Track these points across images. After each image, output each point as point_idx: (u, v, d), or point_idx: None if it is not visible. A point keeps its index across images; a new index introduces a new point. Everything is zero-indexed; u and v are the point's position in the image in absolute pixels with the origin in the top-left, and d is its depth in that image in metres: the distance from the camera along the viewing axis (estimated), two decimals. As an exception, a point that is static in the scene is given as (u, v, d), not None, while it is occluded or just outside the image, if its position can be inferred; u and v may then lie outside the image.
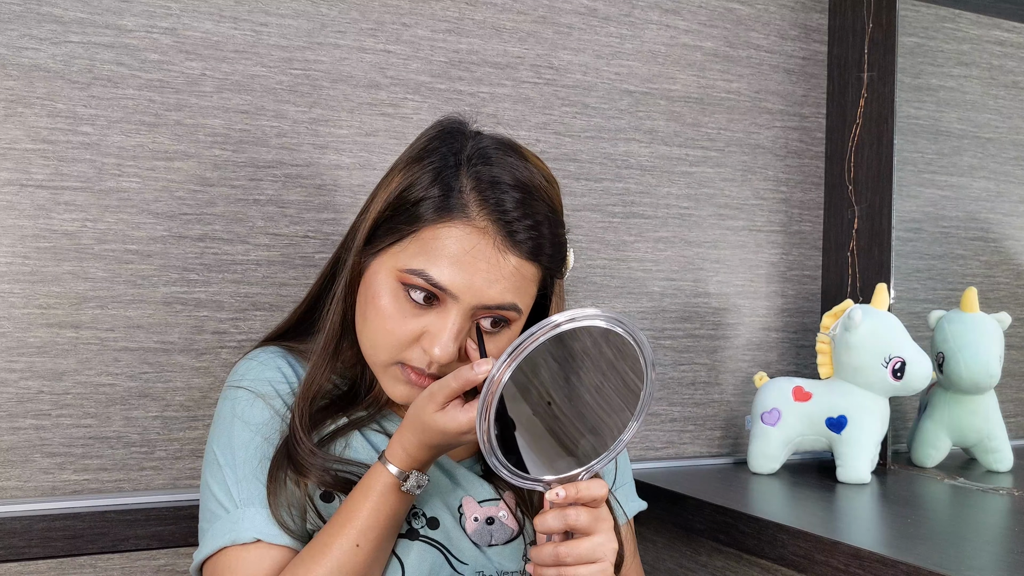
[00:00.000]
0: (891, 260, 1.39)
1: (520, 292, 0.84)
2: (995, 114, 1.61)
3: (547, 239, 0.84)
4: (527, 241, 0.82)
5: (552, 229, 0.85)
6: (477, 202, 0.82)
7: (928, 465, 1.40)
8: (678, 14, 1.41)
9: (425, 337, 0.82)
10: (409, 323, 0.82)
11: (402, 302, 0.83)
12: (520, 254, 0.82)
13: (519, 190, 0.83)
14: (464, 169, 0.83)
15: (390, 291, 0.83)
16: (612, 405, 0.78)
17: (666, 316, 1.41)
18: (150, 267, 1.12)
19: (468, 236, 0.81)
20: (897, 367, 1.23)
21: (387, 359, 0.84)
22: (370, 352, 0.86)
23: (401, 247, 0.83)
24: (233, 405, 0.88)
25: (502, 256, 0.82)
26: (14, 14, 1.06)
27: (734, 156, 1.46)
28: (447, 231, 0.81)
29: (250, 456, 0.86)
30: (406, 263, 0.82)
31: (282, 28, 1.18)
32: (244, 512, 0.84)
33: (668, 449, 1.41)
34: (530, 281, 0.85)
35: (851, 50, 1.46)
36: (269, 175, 1.17)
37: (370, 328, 0.85)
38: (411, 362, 0.83)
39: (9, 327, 1.07)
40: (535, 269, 0.84)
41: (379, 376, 0.87)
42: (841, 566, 0.95)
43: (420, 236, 0.82)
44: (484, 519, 0.91)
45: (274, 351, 0.93)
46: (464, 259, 0.81)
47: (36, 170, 1.08)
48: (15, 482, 1.07)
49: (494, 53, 1.29)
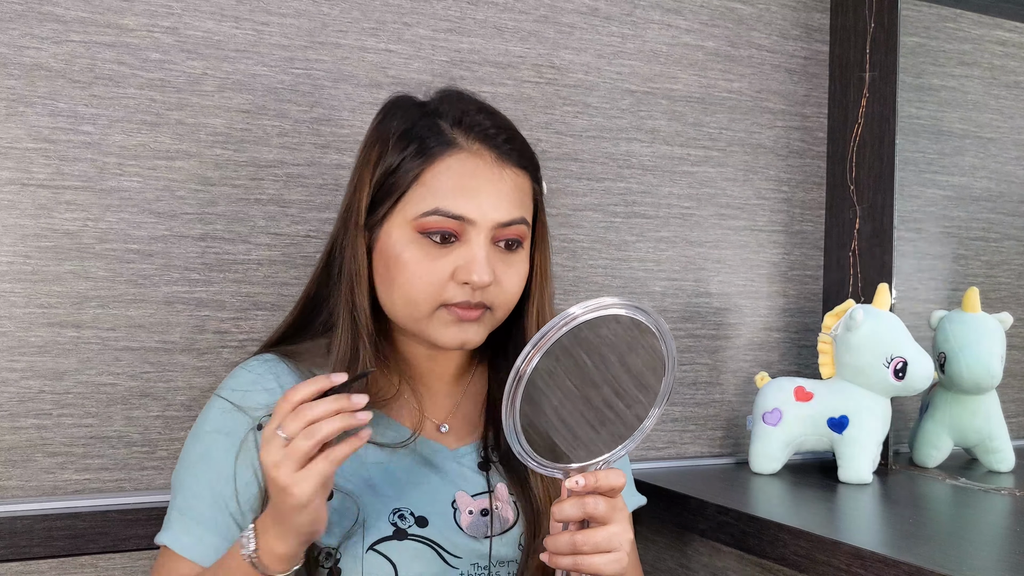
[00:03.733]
0: (893, 260, 1.39)
1: (523, 206, 0.90)
2: (996, 114, 1.61)
3: (527, 150, 0.92)
4: (513, 152, 0.90)
5: (522, 138, 0.93)
6: (462, 132, 0.89)
7: (930, 465, 1.40)
8: (680, 14, 1.41)
9: (459, 271, 0.86)
10: (438, 265, 0.86)
11: (425, 248, 0.86)
12: (513, 164, 0.90)
13: (487, 113, 0.91)
14: (436, 117, 0.90)
15: (410, 243, 0.87)
16: (630, 395, 0.79)
17: (668, 316, 1.41)
18: (151, 266, 1.12)
19: (466, 161, 0.87)
20: (899, 367, 1.23)
21: (429, 307, 0.87)
22: (408, 310, 0.88)
23: (405, 201, 0.88)
24: (207, 413, 0.91)
25: (500, 171, 0.88)
26: (15, 13, 1.06)
27: (736, 156, 1.46)
28: (446, 164, 0.87)
29: (200, 472, 0.88)
30: (416, 210, 0.86)
31: (284, 27, 1.18)
32: (184, 522, 0.87)
33: (669, 449, 1.41)
34: (527, 194, 0.91)
35: (853, 50, 1.46)
36: (270, 174, 1.17)
37: (401, 286, 0.87)
38: (453, 300, 0.86)
39: (10, 326, 1.07)
40: (527, 180, 0.92)
41: (425, 330, 0.89)
42: (843, 566, 0.95)
43: (421, 181, 0.87)
44: (479, 511, 0.91)
45: (269, 359, 0.94)
46: (470, 183, 0.86)
47: (37, 169, 1.08)
48: (16, 481, 1.07)
49: (495, 53, 1.29)
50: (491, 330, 0.92)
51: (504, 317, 0.92)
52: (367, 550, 0.86)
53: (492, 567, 0.90)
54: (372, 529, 0.86)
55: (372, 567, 0.86)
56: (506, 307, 0.91)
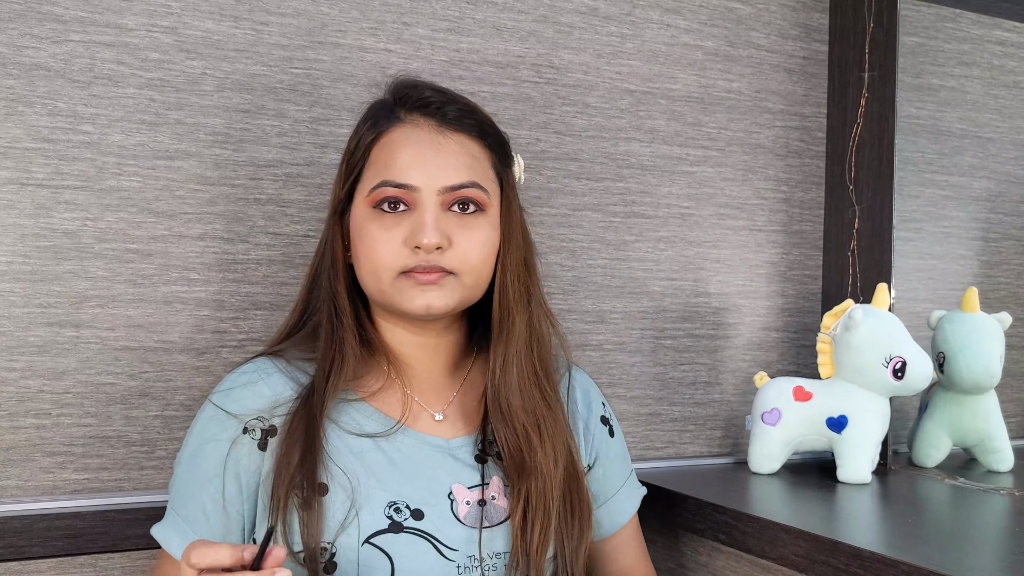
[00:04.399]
0: (892, 260, 1.39)
1: (474, 171, 0.92)
2: (996, 114, 1.61)
3: (480, 119, 0.94)
4: (460, 118, 0.92)
5: (484, 115, 0.95)
6: (404, 107, 0.93)
7: (929, 465, 1.40)
8: (679, 13, 1.41)
9: (410, 237, 0.89)
10: (393, 233, 0.90)
11: (380, 219, 0.90)
12: (458, 129, 0.92)
13: (437, 90, 0.95)
14: (385, 98, 0.96)
15: (367, 218, 0.91)
16: None
17: (667, 316, 1.41)
18: (151, 266, 1.12)
19: (406, 132, 0.92)
20: (898, 367, 1.23)
21: (390, 276, 0.90)
22: (375, 280, 0.91)
23: (362, 181, 0.93)
24: (198, 418, 0.93)
25: (442, 136, 0.91)
26: (15, 13, 1.06)
27: (735, 156, 1.46)
28: (388, 138, 0.92)
29: (190, 476, 0.91)
30: (369, 186, 0.92)
31: (283, 27, 1.18)
32: (175, 521, 0.90)
33: (668, 449, 1.41)
34: (482, 161, 0.93)
35: (852, 50, 1.46)
36: (270, 174, 1.17)
37: (364, 260, 0.91)
38: (409, 266, 0.89)
39: (9, 326, 1.07)
40: (481, 148, 0.94)
41: (392, 300, 0.91)
42: (842, 566, 0.95)
43: (371, 160, 0.93)
44: (476, 502, 0.92)
45: (259, 362, 0.96)
46: (410, 152, 0.90)
47: (37, 169, 1.07)
48: (15, 481, 1.07)
49: (495, 52, 1.29)
50: (463, 298, 0.93)
51: (475, 284, 0.93)
52: (363, 543, 0.86)
53: (486, 558, 0.90)
54: (367, 522, 0.87)
55: (368, 560, 0.86)
56: (473, 272, 0.92)
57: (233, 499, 0.89)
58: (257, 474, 0.89)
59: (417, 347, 0.98)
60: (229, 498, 0.89)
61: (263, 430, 0.90)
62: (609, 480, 1.06)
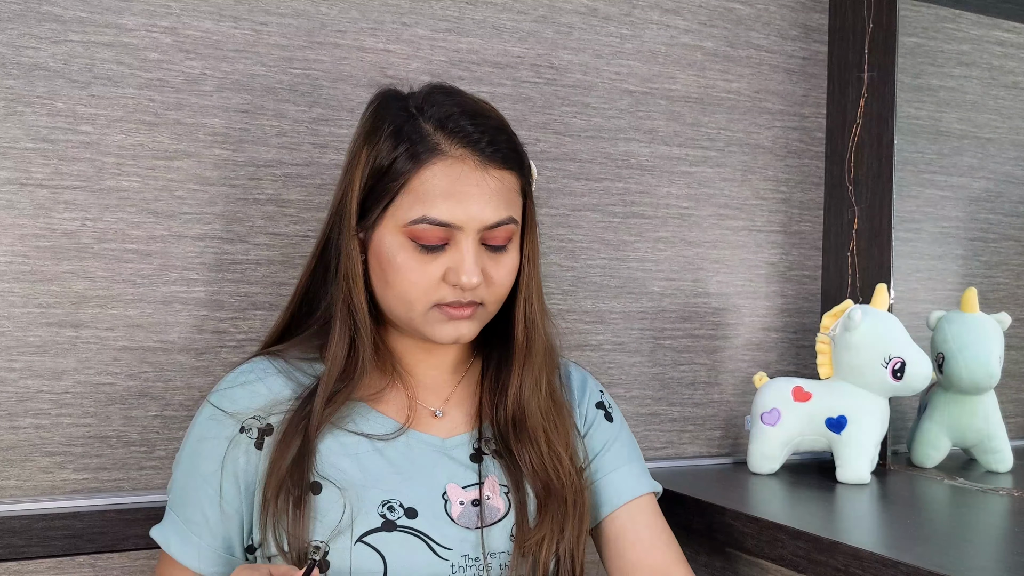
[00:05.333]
0: (891, 260, 1.39)
1: (511, 204, 0.92)
2: (995, 114, 1.61)
3: (510, 144, 0.93)
4: (497, 152, 0.90)
5: (508, 135, 0.94)
6: (445, 138, 0.89)
7: (928, 465, 1.40)
8: (678, 14, 1.41)
9: (450, 274, 0.89)
10: (429, 268, 0.89)
11: (416, 252, 0.89)
12: (498, 165, 0.90)
13: (470, 115, 0.91)
14: (419, 119, 0.90)
15: (401, 247, 0.89)
16: None
17: (666, 316, 1.41)
18: (150, 266, 1.12)
19: (451, 167, 0.88)
20: (897, 367, 1.23)
21: (423, 307, 0.90)
22: (404, 309, 0.91)
23: (395, 206, 0.89)
24: (196, 418, 0.93)
25: (485, 173, 0.89)
26: (14, 13, 1.06)
27: (734, 156, 1.46)
28: (431, 172, 0.88)
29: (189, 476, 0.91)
30: (406, 216, 0.88)
31: (282, 27, 1.18)
32: (174, 521, 0.91)
33: (668, 449, 1.41)
34: (515, 192, 0.93)
35: (851, 50, 1.46)
36: (269, 174, 1.17)
37: (395, 288, 0.90)
38: (445, 300, 0.89)
39: (9, 326, 1.07)
40: (514, 178, 0.93)
41: (420, 328, 0.91)
42: (841, 566, 0.95)
43: (408, 188, 0.89)
44: (470, 502, 0.92)
45: (257, 361, 0.96)
46: (455, 189, 0.88)
47: (36, 169, 1.07)
48: (14, 481, 1.07)
49: (494, 52, 1.29)
50: (484, 323, 0.95)
51: (496, 310, 0.95)
52: (355, 542, 0.86)
53: (484, 558, 0.90)
54: (361, 521, 0.87)
55: (361, 559, 0.86)
56: (497, 301, 0.94)
57: (231, 498, 0.89)
58: (254, 473, 0.89)
59: (425, 351, 0.98)
60: (227, 497, 0.89)
61: (260, 429, 0.90)
62: (605, 461, 1.02)
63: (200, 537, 0.89)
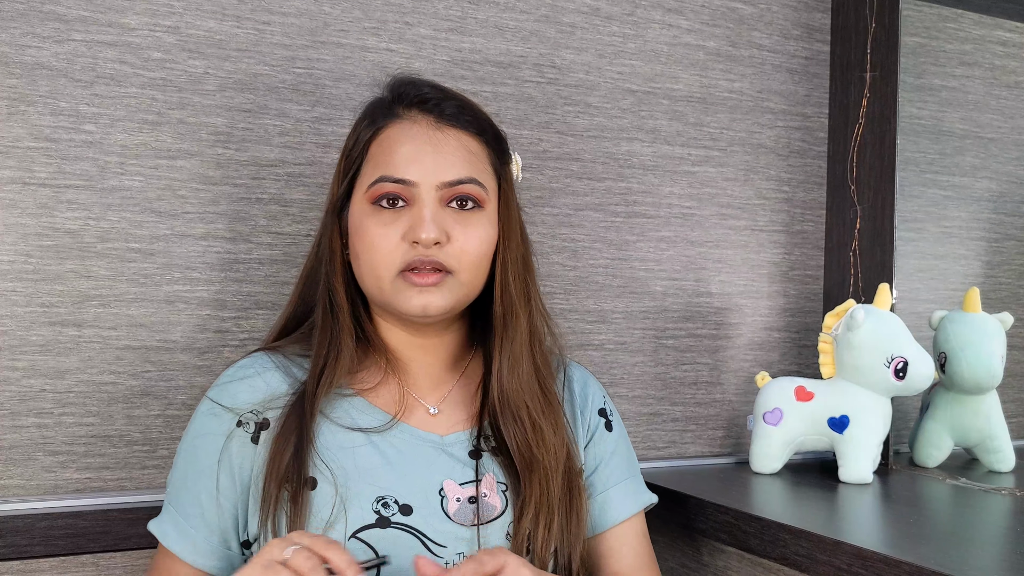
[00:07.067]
0: (893, 260, 1.39)
1: (472, 167, 0.92)
2: (997, 114, 1.61)
3: (478, 115, 0.94)
4: (457, 115, 0.93)
5: (481, 112, 0.95)
6: (401, 104, 0.93)
7: (930, 465, 1.40)
8: (681, 13, 1.41)
9: (408, 232, 0.89)
10: (391, 229, 0.90)
11: (379, 216, 0.90)
12: (456, 125, 0.92)
13: (435, 87, 0.95)
14: (388, 98, 0.95)
15: (366, 214, 0.91)
16: None
17: (668, 316, 1.41)
18: (153, 265, 1.12)
19: (404, 128, 0.92)
20: (899, 367, 1.23)
21: (389, 275, 0.90)
22: (374, 280, 0.91)
23: (360, 176, 0.93)
24: (195, 414, 0.93)
25: (440, 132, 0.91)
26: (17, 12, 1.06)
27: (736, 156, 1.46)
28: (386, 134, 0.92)
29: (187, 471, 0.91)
30: (368, 182, 0.91)
31: (285, 27, 1.18)
32: (172, 515, 0.91)
33: (670, 449, 1.41)
34: (480, 158, 0.93)
35: (854, 50, 1.46)
36: (272, 174, 1.17)
37: (363, 257, 0.91)
38: (409, 260, 0.89)
39: (12, 325, 1.07)
40: (478, 144, 0.94)
41: (391, 301, 0.91)
42: (844, 566, 0.95)
43: (369, 156, 0.93)
44: (467, 499, 0.92)
45: (256, 356, 0.96)
46: (408, 147, 0.90)
47: (39, 168, 1.08)
48: (17, 480, 1.07)
49: (497, 52, 1.29)
50: (460, 297, 0.93)
51: (472, 282, 0.93)
52: (349, 538, 0.86)
53: None
54: (354, 517, 0.87)
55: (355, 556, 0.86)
56: (470, 269, 0.92)
57: (227, 492, 0.90)
58: (250, 467, 0.89)
59: (416, 347, 0.98)
60: (223, 491, 0.89)
61: (256, 423, 0.90)
62: (602, 476, 1.03)
63: (197, 530, 0.89)
